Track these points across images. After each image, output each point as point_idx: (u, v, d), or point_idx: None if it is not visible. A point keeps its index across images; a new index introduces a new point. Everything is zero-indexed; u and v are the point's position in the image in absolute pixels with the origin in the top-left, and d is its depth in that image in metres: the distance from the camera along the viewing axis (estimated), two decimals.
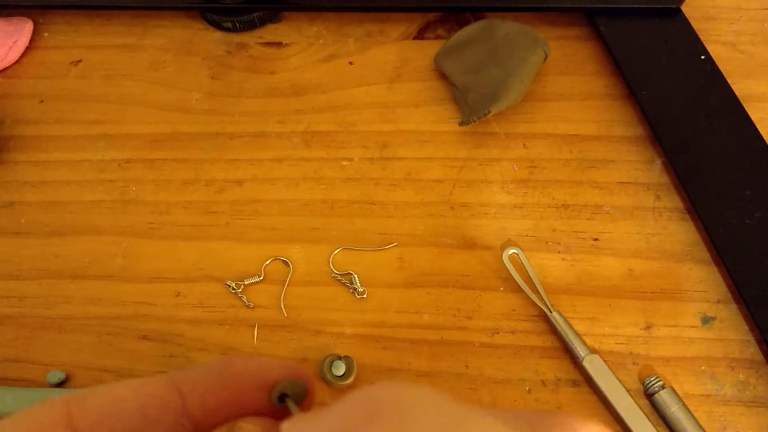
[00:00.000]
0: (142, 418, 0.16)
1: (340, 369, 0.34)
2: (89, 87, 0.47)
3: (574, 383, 0.34)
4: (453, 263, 0.38)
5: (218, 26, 0.49)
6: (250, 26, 0.48)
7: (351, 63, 0.47)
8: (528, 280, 0.36)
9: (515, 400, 0.34)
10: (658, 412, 0.33)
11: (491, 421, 0.13)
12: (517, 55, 0.41)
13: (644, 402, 0.33)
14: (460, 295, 0.37)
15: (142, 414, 0.16)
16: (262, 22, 0.48)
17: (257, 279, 0.38)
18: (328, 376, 0.34)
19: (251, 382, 0.17)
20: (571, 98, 0.44)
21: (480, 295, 0.37)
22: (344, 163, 0.42)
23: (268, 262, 0.38)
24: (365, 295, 0.37)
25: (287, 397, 0.17)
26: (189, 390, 0.16)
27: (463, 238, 0.39)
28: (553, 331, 0.35)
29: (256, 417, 0.17)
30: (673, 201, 0.39)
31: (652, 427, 0.32)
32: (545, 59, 0.43)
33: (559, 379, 0.35)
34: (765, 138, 0.39)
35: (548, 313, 0.35)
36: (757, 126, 0.40)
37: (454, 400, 0.13)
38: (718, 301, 0.36)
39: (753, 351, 0.35)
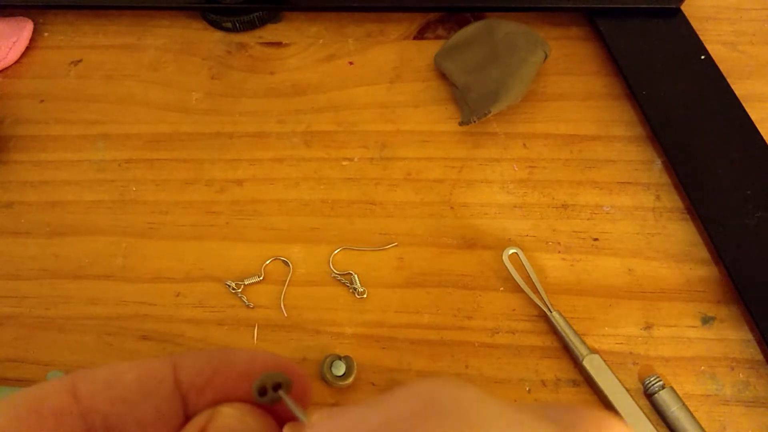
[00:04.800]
0: (139, 388, 0.17)
1: (340, 369, 0.34)
2: (89, 87, 0.47)
3: (574, 383, 0.34)
4: (453, 263, 0.38)
5: (218, 26, 0.49)
6: (250, 26, 0.48)
7: (351, 63, 0.47)
8: (528, 280, 0.36)
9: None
10: (658, 412, 0.33)
11: (546, 425, 0.13)
12: (517, 55, 0.41)
13: (644, 402, 0.33)
14: (460, 295, 0.37)
15: (139, 385, 0.17)
16: (262, 22, 0.48)
17: (257, 279, 0.38)
18: (328, 376, 0.34)
19: (240, 371, 0.18)
20: (571, 98, 0.44)
21: (480, 295, 0.37)
22: (344, 163, 0.42)
23: (268, 262, 0.38)
24: (365, 295, 0.37)
25: (279, 389, 0.17)
26: (183, 369, 0.17)
27: (463, 238, 0.39)
28: (553, 331, 0.35)
29: (238, 402, 0.17)
30: (673, 201, 0.39)
31: (652, 427, 0.32)
32: (545, 59, 0.43)
33: (559, 379, 0.35)
34: (765, 138, 0.39)
35: (548, 313, 0.35)
36: (757, 126, 0.40)
37: (504, 402, 0.13)
38: (718, 301, 0.36)
39: (753, 351, 0.35)
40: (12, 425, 0.16)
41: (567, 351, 0.35)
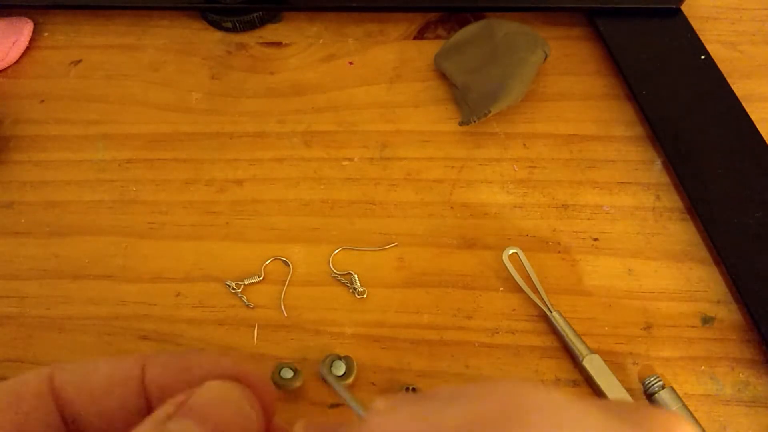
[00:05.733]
0: (107, 383, 0.18)
1: (340, 369, 0.34)
2: (89, 87, 0.47)
3: (574, 383, 0.34)
4: (453, 263, 0.38)
5: (218, 26, 0.49)
6: (250, 26, 0.48)
7: (351, 63, 0.47)
8: (528, 280, 0.36)
9: None
10: None
11: (628, 427, 0.13)
12: (516, 55, 0.41)
13: (644, 402, 0.33)
14: (460, 295, 0.37)
15: (108, 380, 0.18)
16: (262, 22, 0.48)
17: (257, 279, 0.38)
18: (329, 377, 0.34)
19: (201, 375, 0.18)
20: (571, 98, 0.44)
21: (480, 295, 0.37)
22: (344, 163, 0.42)
23: (268, 262, 0.38)
24: (365, 295, 0.37)
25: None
26: (151, 368, 0.19)
27: (463, 238, 0.39)
28: (553, 331, 0.35)
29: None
30: (673, 201, 0.39)
31: None
32: (545, 59, 0.43)
33: (558, 379, 0.35)
34: (765, 138, 0.39)
35: (548, 313, 0.35)
36: (757, 126, 0.40)
37: (585, 403, 0.13)
38: (718, 301, 0.36)
39: (753, 351, 0.35)
40: None
41: (567, 351, 0.35)
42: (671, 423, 0.14)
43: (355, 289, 0.37)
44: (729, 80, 0.42)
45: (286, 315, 0.37)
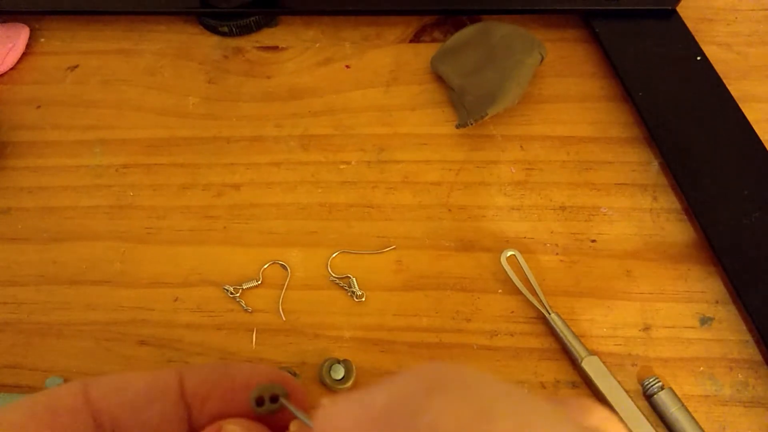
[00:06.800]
0: (147, 395, 0.18)
1: (339, 373, 0.34)
2: (86, 92, 0.47)
3: (573, 385, 0.34)
4: (451, 266, 0.38)
5: (215, 31, 0.49)
6: (247, 30, 0.48)
7: (348, 66, 0.47)
8: (526, 282, 0.36)
9: None
10: (658, 414, 0.33)
11: (544, 402, 0.13)
12: (513, 57, 0.42)
13: (643, 403, 0.33)
14: (458, 297, 0.37)
15: (147, 392, 0.18)
16: (259, 27, 0.48)
17: (255, 283, 0.38)
18: (327, 380, 0.34)
19: (240, 382, 0.19)
20: (567, 100, 0.44)
21: (478, 298, 0.37)
22: (342, 166, 0.42)
23: (266, 267, 0.38)
24: (364, 299, 0.37)
25: (276, 401, 0.18)
26: (188, 379, 0.19)
27: (461, 240, 0.39)
28: (552, 332, 0.35)
29: (240, 418, 0.18)
30: (670, 202, 0.40)
31: (651, 428, 0.32)
32: (541, 61, 0.43)
33: (558, 381, 0.35)
34: (761, 138, 0.39)
35: (547, 315, 0.35)
36: (754, 126, 0.40)
37: (504, 380, 0.14)
38: (717, 302, 0.36)
39: (752, 351, 0.35)
40: (28, 421, 0.17)
41: (566, 353, 0.35)
42: (587, 404, 0.15)
43: (353, 292, 0.37)
44: (725, 81, 0.42)
45: (284, 319, 0.37)
